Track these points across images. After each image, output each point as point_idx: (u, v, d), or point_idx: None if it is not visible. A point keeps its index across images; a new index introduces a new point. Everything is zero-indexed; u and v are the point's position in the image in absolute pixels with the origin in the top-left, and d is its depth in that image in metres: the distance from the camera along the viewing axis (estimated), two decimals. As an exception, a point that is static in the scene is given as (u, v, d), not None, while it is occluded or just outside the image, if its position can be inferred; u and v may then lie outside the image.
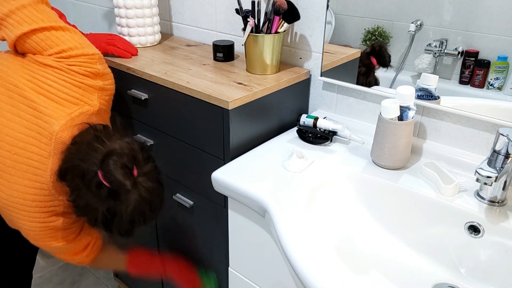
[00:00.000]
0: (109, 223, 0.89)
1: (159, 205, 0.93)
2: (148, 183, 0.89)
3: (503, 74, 0.84)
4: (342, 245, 0.81)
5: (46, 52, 0.93)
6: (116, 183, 0.84)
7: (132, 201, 0.86)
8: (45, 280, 1.85)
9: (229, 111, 0.92)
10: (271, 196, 0.81)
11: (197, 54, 1.24)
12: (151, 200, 0.89)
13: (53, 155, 0.90)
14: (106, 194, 0.85)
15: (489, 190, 0.80)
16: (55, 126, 0.89)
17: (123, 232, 0.91)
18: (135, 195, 0.86)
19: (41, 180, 0.91)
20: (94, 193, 0.85)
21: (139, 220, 0.90)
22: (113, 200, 0.86)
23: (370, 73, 1.02)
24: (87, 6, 1.75)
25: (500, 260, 0.76)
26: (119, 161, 0.84)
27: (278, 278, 0.90)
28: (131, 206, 0.86)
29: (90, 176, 0.85)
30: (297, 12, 1.02)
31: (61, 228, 0.98)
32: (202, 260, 1.21)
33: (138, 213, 0.88)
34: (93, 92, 0.96)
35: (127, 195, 0.85)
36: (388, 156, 0.89)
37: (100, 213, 0.87)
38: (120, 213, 0.87)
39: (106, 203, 0.86)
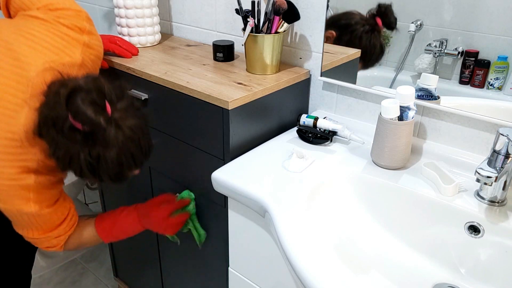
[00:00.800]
0: (95, 169, 0.83)
1: (146, 142, 0.87)
2: (128, 120, 0.83)
3: (503, 74, 0.84)
4: (342, 245, 0.81)
5: (35, 6, 0.93)
6: (88, 121, 0.78)
7: (113, 140, 0.80)
8: (45, 280, 1.85)
9: (229, 111, 0.92)
10: (271, 196, 0.81)
11: (197, 54, 1.24)
12: (134, 137, 0.84)
13: (28, 103, 0.85)
14: (82, 137, 0.80)
15: (489, 190, 0.80)
16: (32, 72, 0.86)
17: (113, 176, 0.85)
18: (114, 134, 0.80)
19: (12, 129, 0.85)
20: (70, 138, 0.80)
21: (128, 161, 0.84)
22: (91, 142, 0.80)
23: (374, 33, 0.99)
24: (87, 6, 1.75)
25: (500, 260, 0.76)
26: (87, 97, 0.78)
27: (278, 278, 0.90)
28: (115, 147, 0.81)
29: (61, 121, 0.79)
30: (297, 12, 1.02)
31: (34, 188, 0.90)
32: (202, 260, 1.21)
33: (125, 153, 0.83)
34: (77, 46, 0.93)
35: (104, 135, 0.79)
36: (388, 156, 0.89)
37: (83, 160, 0.81)
38: (104, 156, 0.81)
39: (86, 148, 0.80)
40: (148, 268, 1.48)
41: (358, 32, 1.01)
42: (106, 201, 1.54)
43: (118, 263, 1.67)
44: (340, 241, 0.82)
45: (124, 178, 0.88)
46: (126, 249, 1.57)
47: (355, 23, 1.01)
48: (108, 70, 1.18)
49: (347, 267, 0.68)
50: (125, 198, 1.41)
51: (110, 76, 0.99)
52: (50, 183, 0.94)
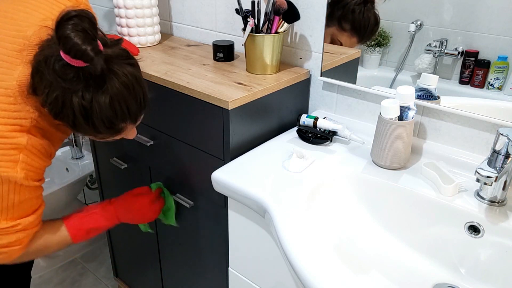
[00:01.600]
0: (88, 114, 0.79)
1: (141, 91, 0.84)
2: (121, 66, 0.80)
3: (503, 74, 0.84)
4: (342, 245, 0.81)
5: None
6: (78, 50, 0.74)
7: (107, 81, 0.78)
8: (45, 280, 1.85)
9: (229, 111, 0.92)
10: (271, 196, 0.81)
11: (197, 54, 1.24)
12: (128, 83, 0.81)
13: (23, 61, 0.83)
14: (75, 73, 0.76)
15: (489, 190, 0.80)
16: (29, 32, 0.85)
17: (106, 122, 0.81)
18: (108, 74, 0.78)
19: (6, 85, 0.83)
20: (62, 76, 0.76)
21: (122, 108, 0.81)
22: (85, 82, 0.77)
23: (366, 5, 0.96)
24: (87, 6, 1.75)
25: (500, 260, 0.76)
26: (78, 25, 0.74)
27: (278, 278, 0.90)
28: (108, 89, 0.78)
29: (53, 58, 0.76)
30: (297, 12, 1.02)
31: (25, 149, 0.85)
32: (202, 260, 1.21)
33: (119, 99, 0.80)
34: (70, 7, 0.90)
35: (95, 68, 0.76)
36: (388, 156, 0.89)
37: (76, 104, 0.78)
38: (97, 99, 0.78)
39: (80, 89, 0.77)
40: (148, 268, 1.48)
41: (350, 5, 0.99)
42: (106, 201, 1.54)
43: (118, 263, 1.67)
44: (340, 241, 0.82)
45: (119, 128, 0.84)
46: (126, 249, 1.57)
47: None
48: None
49: (347, 267, 0.68)
50: (125, 198, 1.41)
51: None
52: (41, 151, 0.89)
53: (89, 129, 0.82)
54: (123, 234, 1.54)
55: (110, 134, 0.85)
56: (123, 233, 1.54)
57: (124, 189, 1.38)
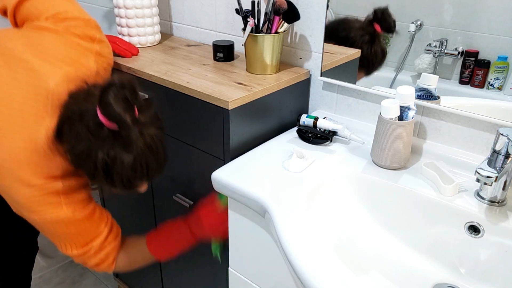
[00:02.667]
0: (109, 170, 0.82)
1: (162, 155, 0.87)
2: (151, 128, 0.83)
3: (503, 74, 0.84)
4: (342, 245, 0.81)
5: (43, 15, 0.93)
6: (116, 116, 0.78)
7: (134, 143, 0.80)
8: (45, 280, 1.85)
9: (229, 111, 0.92)
10: (271, 196, 0.81)
11: (197, 54, 1.24)
12: (153, 147, 0.84)
13: (50, 115, 0.86)
14: (106, 134, 0.79)
15: (489, 190, 0.80)
16: (51, 83, 0.86)
17: (125, 180, 0.84)
18: (136, 137, 0.80)
19: (36, 140, 0.86)
20: (93, 133, 0.80)
21: (142, 169, 0.84)
22: (113, 141, 0.80)
23: (374, 41, 0.98)
24: (87, 6, 1.75)
25: (500, 260, 0.76)
26: (119, 93, 0.78)
27: (278, 278, 0.90)
28: (134, 151, 0.81)
29: (89, 115, 0.80)
30: (297, 12, 1.02)
31: (63, 191, 0.90)
32: (202, 260, 1.21)
33: (141, 161, 0.83)
34: (90, 55, 0.94)
35: (127, 133, 0.79)
36: (388, 156, 0.89)
37: (100, 159, 0.81)
38: (121, 158, 0.81)
39: (106, 146, 0.80)
40: (148, 268, 1.48)
41: (358, 43, 1.01)
42: (106, 201, 1.54)
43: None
44: (340, 241, 0.82)
45: (134, 187, 0.87)
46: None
47: (354, 34, 1.00)
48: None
49: (347, 267, 0.68)
50: (126, 198, 1.41)
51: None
52: (78, 185, 0.93)
53: (106, 184, 0.85)
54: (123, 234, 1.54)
55: (123, 191, 0.87)
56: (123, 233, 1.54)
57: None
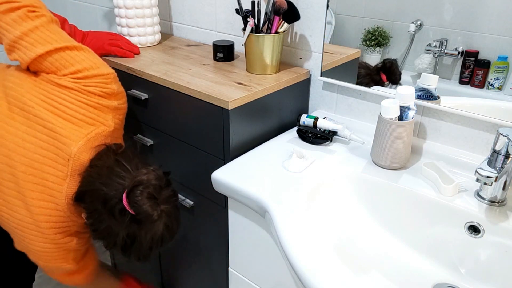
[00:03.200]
0: (127, 248, 0.89)
1: (176, 229, 0.93)
2: (168, 208, 0.89)
3: (503, 74, 0.84)
4: (342, 245, 0.81)
5: (61, 72, 0.91)
6: (143, 213, 0.84)
7: (155, 228, 0.87)
8: (45, 280, 1.85)
9: (229, 111, 0.92)
10: (271, 196, 0.81)
11: (197, 54, 1.24)
12: (171, 226, 0.90)
13: (70, 177, 0.90)
14: (129, 220, 0.85)
15: (489, 190, 0.80)
16: (73, 148, 0.88)
17: (142, 257, 0.91)
18: (158, 223, 0.87)
19: (56, 201, 0.90)
20: (117, 219, 0.85)
21: (157, 245, 0.90)
22: (135, 225, 0.86)
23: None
24: (87, 6, 1.75)
25: (500, 260, 0.76)
26: (146, 191, 0.84)
27: (278, 278, 0.90)
28: (153, 233, 0.87)
29: (114, 202, 0.85)
30: (297, 12, 1.02)
31: (74, 249, 0.98)
32: (202, 260, 1.21)
33: (158, 239, 0.89)
34: (108, 112, 0.96)
35: (151, 223, 0.86)
36: (388, 156, 0.89)
37: (120, 238, 0.87)
38: (140, 239, 0.87)
39: (128, 229, 0.86)
40: (148, 268, 1.48)
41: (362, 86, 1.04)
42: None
43: (118, 263, 1.67)
44: (340, 241, 0.82)
45: (149, 259, 0.93)
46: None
47: (360, 81, 1.03)
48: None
49: (347, 267, 0.68)
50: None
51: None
52: (87, 239, 1.01)
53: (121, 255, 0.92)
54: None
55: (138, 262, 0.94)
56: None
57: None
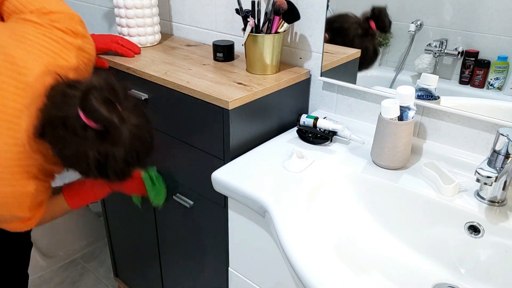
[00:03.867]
0: (103, 167, 0.84)
1: (150, 140, 0.89)
2: (134, 118, 0.85)
3: (503, 74, 0.84)
4: (342, 245, 0.81)
5: (28, 9, 0.93)
6: (102, 119, 0.79)
7: (123, 138, 0.82)
8: (45, 280, 1.85)
9: (229, 111, 0.92)
10: (271, 196, 0.81)
11: (197, 54, 1.24)
12: (141, 136, 0.86)
13: (28, 108, 0.86)
14: (94, 135, 0.80)
15: (489, 190, 0.80)
16: (30, 77, 0.86)
17: (120, 173, 0.86)
18: (124, 132, 0.82)
19: (15, 135, 0.85)
20: (81, 137, 0.80)
21: (133, 158, 0.86)
22: (102, 140, 0.81)
23: (367, 37, 0.98)
24: (87, 6, 1.75)
25: (500, 260, 0.76)
26: (100, 95, 0.79)
27: (278, 278, 0.90)
28: (123, 144, 0.83)
29: (73, 120, 0.80)
30: (297, 12, 1.02)
31: (32, 195, 0.92)
32: (202, 260, 1.21)
33: (131, 152, 0.85)
34: (71, 49, 0.94)
35: (116, 132, 0.81)
36: (388, 156, 0.89)
37: (91, 158, 0.82)
38: (113, 153, 0.83)
39: (96, 146, 0.81)
40: (148, 268, 1.48)
41: (350, 36, 1.01)
42: (106, 201, 1.54)
43: (118, 263, 1.67)
44: (340, 241, 0.82)
45: (128, 175, 0.89)
46: (126, 249, 1.57)
47: (348, 26, 1.01)
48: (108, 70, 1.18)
49: (347, 267, 0.67)
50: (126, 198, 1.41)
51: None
52: (45, 189, 0.96)
53: (100, 178, 0.87)
54: (123, 234, 1.54)
55: (119, 181, 0.90)
56: (123, 233, 1.54)
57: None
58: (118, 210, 1.49)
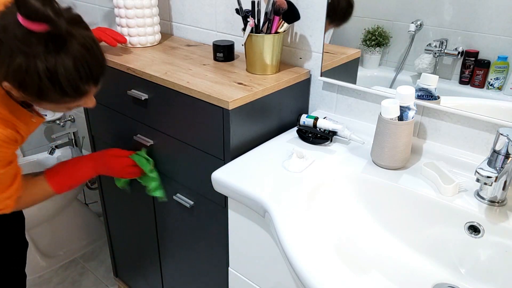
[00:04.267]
0: (54, 77, 0.80)
1: (100, 54, 0.87)
2: (79, 29, 0.82)
3: (503, 74, 0.84)
4: (342, 245, 0.81)
5: None
6: (37, 13, 0.75)
7: (68, 42, 0.80)
8: (45, 280, 1.85)
9: (229, 111, 0.92)
10: (271, 196, 0.81)
11: (197, 54, 1.24)
12: (88, 45, 0.83)
13: None
14: (37, 39, 0.77)
15: (489, 190, 0.80)
16: None
17: (73, 84, 0.83)
18: (68, 34, 0.80)
19: None
20: (24, 42, 0.77)
21: (84, 68, 0.83)
22: (47, 45, 0.78)
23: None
24: (87, 6, 1.75)
25: (500, 260, 0.76)
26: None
27: (278, 278, 0.90)
28: (70, 51, 0.80)
29: (12, 26, 0.77)
30: (297, 12, 1.02)
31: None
32: (202, 260, 1.21)
33: (81, 60, 0.82)
34: None
35: (57, 31, 0.78)
36: (388, 156, 0.89)
37: (41, 69, 0.79)
38: (62, 61, 0.80)
39: (42, 53, 0.78)
40: (148, 268, 1.48)
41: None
42: (106, 201, 1.54)
43: (118, 263, 1.67)
44: (340, 241, 0.82)
45: (83, 90, 0.86)
46: (126, 249, 1.57)
47: None
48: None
49: (347, 267, 0.68)
50: (126, 198, 1.41)
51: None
52: (6, 141, 0.92)
53: (56, 94, 0.83)
54: (123, 234, 1.54)
55: (75, 98, 0.87)
56: (123, 233, 1.54)
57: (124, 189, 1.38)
58: (118, 210, 1.49)
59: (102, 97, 1.27)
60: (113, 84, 1.19)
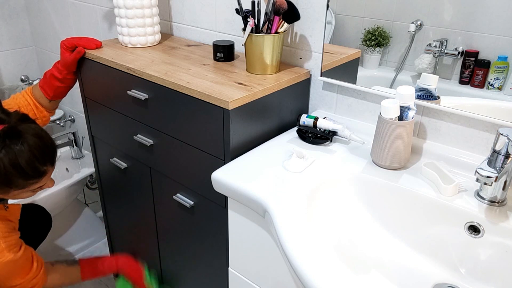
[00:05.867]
0: (16, 163, 0.97)
1: (48, 138, 1.05)
2: (27, 123, 1.02)
3: (503, 74, 0.84)
4: (342, 245, 0.81)
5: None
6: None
7: (21, 135, 0.98)
8: (45, 280, 1.85)
9: (229, 111, 0.92)
10: (271, 196, 0.81)
11: (197, 54, 1.24)
12: (37, 133, 1.02)
13: None
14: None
15: (489, 190, 0.80)
16: None
17: (31, 165, 1.00)
18: (24, 133, 0.99)
19: None
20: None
21: (39, 152, 1.01)
22: (4, 141, 0.96)
23: None
24: (87, 6, 1.75)
25: (500, 260, 0.76)
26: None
27: (278, 278, 0.90)
28: (24, 140, 0.98)
29: None
30: (297, 12, 1.02)
31: (1, 236, 1.06)
32: (202, 260, 1.21)
33: (35, 146, 1.00)
34: None
35: (14, 129, 0.99)
36: (388, 156, 0.89)
37: (6, 161, 0.96)
38: (19, 150, 0.97)
39: (2, 149, 0.96)
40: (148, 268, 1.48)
41: None
42: (106, 201, 1.54)
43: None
44: (340, 241, 0.82)
45: (42, 171, 1.03)
46: (126, 249, 1.57)
47: None
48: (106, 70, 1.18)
49: (347, 267, 0.68)
50: (126, 198, 1.41)
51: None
52: (9, 229, 1.10)
53: (20, 179, 1.01)
54: (123, 234, 1.54)
55: (37, 179, 1.04)
56: (123, 233, 1.54)
57: (124, 189, 1.38)
58: (118, 210, 1.49)
59: (102, 97, 1.27)
60: (113, 84, 1.19)
